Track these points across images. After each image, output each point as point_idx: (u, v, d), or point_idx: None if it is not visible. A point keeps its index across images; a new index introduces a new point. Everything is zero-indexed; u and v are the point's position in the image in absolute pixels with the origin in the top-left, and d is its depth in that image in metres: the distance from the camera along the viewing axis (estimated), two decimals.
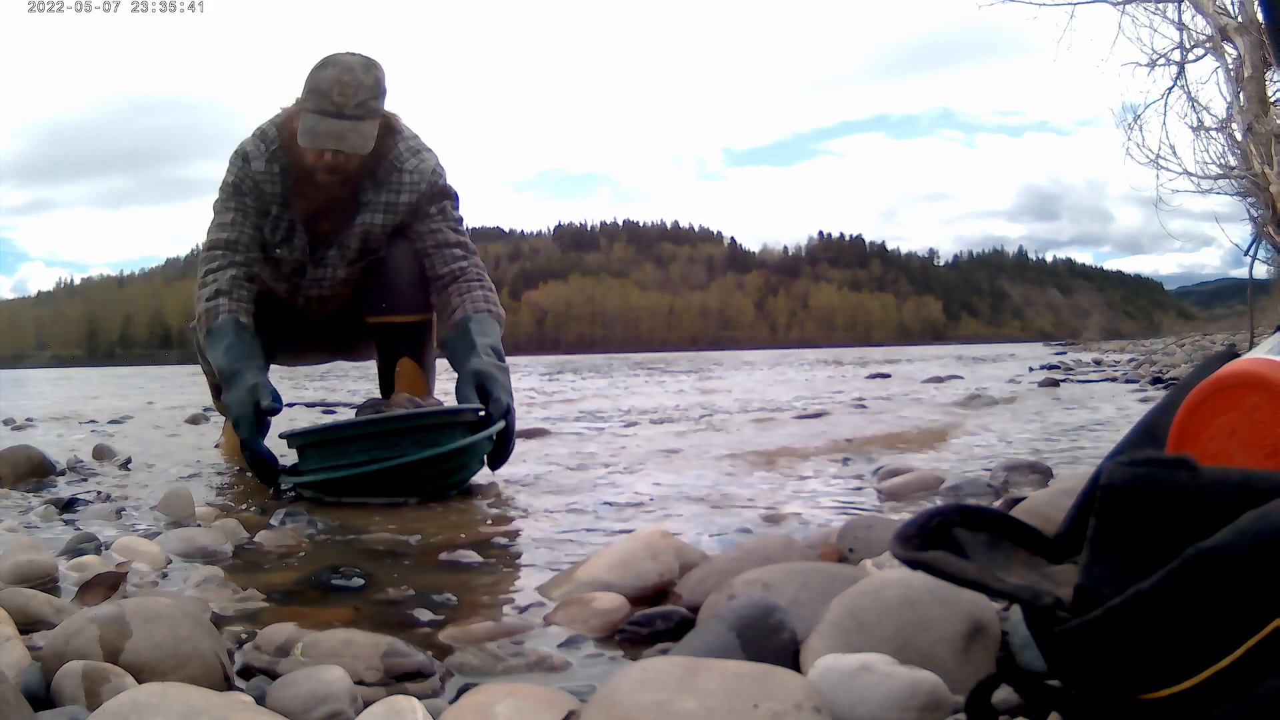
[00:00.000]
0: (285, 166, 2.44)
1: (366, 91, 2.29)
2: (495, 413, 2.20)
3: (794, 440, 3.12)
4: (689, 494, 2.02)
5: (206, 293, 2.41)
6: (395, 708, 0.73)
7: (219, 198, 2.50)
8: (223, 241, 2.45)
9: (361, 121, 2.30)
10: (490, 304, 2.50)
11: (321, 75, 2.29)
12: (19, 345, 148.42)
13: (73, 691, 0.77)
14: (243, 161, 2.45)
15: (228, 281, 2.41)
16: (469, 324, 2.41)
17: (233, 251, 2.45)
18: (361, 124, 2.30)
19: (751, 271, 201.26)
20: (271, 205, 2.49)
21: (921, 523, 0.64)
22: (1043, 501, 1.15)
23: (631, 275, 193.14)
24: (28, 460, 2.46)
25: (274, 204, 2.49)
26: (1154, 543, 0.55)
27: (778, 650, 0.81)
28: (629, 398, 6.29)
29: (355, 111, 2.28)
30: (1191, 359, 8.83)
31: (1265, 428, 0.69)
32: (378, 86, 2.34)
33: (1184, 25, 7.03)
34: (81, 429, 4.55)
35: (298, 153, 2.38)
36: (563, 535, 1.63)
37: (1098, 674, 0.54)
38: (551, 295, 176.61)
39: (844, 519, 1.41)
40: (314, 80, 2.29)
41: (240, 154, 2.46)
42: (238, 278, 2.43)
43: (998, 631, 0.82)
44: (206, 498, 2.13)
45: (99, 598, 1.10)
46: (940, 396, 5.42)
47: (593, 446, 3.12)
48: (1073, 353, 19.82)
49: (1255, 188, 6.10)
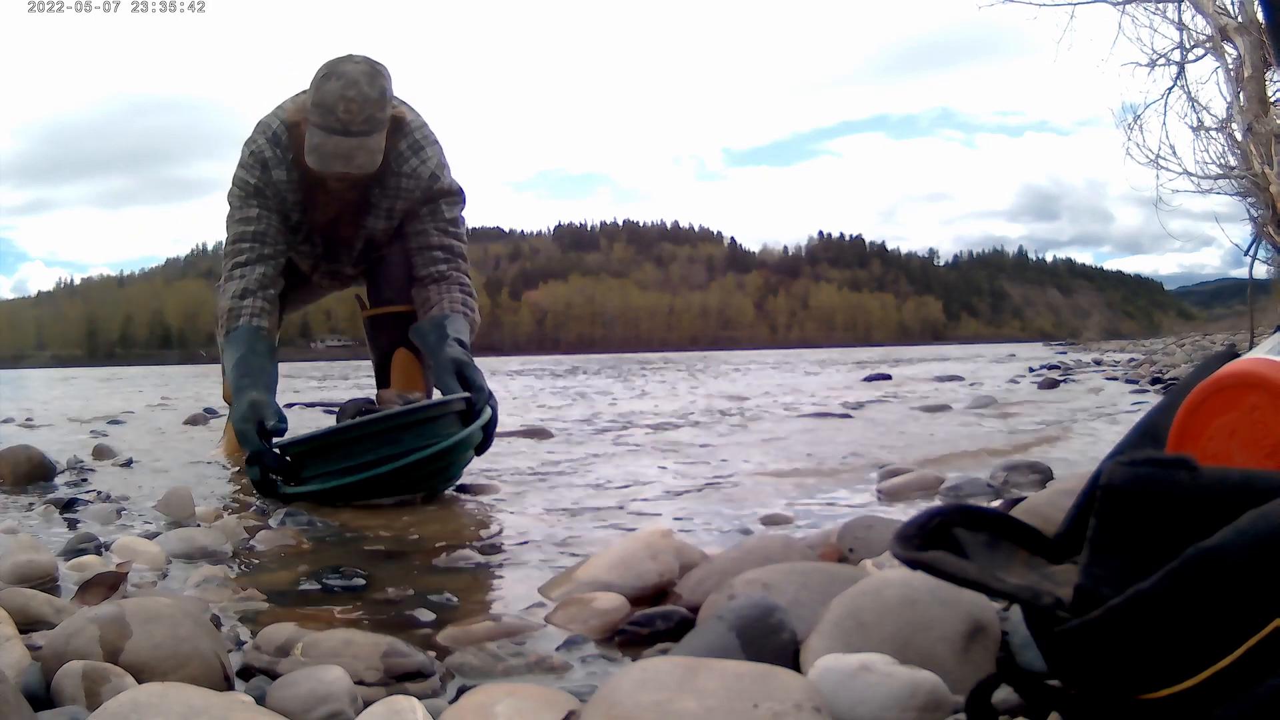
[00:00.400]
0: (300, 174, 2.46)
1: (372, 106, 2.27)
2: (479, 401, 2.23)
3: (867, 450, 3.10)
4: (691, 494, 2.02)
5: (233, 288, 2.42)
6: (395, 708, 0.73)
7: (237, 194, 2.49)
8: (249, 234, 2.45)
9: (368, 137, 2.29)
10: (467, 308, 2.53)
11: (326, 89, 2.26)
12: (19, 345, 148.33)
13: (73, 691, 0.77)
14: (262, 169, 2.45)
15: (256, 280, 2.42)
16: (444, 320, 2.46)
17: (261, 244, 2.45)
18: (368, 139, 2.29)
19: (751, 271, 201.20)
20: (292, 211, 2.53)
21: (921, 523, 0.64)
22: (1043, 501, 1.15)
23: (631, 275, 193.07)
24: (28, 460, 2.46)
25: (294, 211, 2.53)
26: (1154, 543, 0.55)
27: (778, 650, 0.81)
28: (654, 400, 6.29)
29: (362, 127, 2.27)
30: (1191, 359, 8.83)
31: (1265, 428, 0.69)
32: (383, 96, 2.31)
33: (1184, 25, 7.03)
34: (81, 429, 4.54)
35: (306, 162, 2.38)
36: (563, 535, 1.63)
37: (1098, 674, 0.54)
38: (551, 295, 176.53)
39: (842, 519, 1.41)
40: (319, 94, 2.27)
41: (258, 159, 2.46)
42: (267, 275, 2.44)
43: (998, 631, 0.82)
44: (206, 498, 2.13)
45: (99, 598, 1.09)
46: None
47: (598, 447, 3.12)
48: (1073, 353, 19.83)
49: (1255, 188, 6.10)
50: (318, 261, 2.74)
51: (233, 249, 2.48)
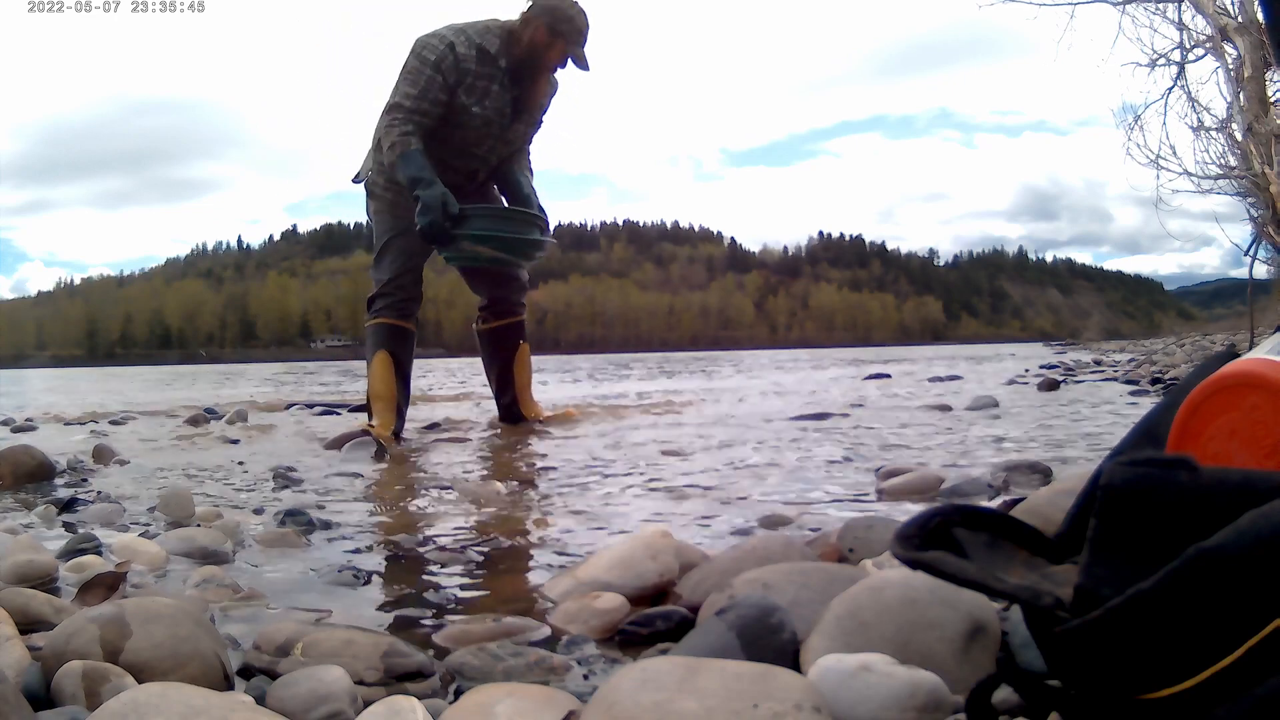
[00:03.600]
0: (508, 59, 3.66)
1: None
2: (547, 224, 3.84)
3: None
4: (691, 494, 2.02)
5: (397, 131, 3.50)
6: (395, 708, 0.73)
7: (414, 64, 3.54)
8: (406, 107, 3.52)
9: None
10: (531, 171, 4.07)
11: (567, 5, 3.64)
12: (19, 345, 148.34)
13: (73, 691, 0.77)
14: (447, 48, 3.54)
15: (413, 127, 3.51)
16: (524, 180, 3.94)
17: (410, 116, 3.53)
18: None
19: (751, 271, 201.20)
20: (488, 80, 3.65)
21: (921, 523, 0.64)
22: (1043, 501, 1.15)
23: (631, 275, 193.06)
24: (28, 460, 2.46)
25: (492, 80, 3.65)
26: (1154, 543, 0.55)
27: (778, 650, 0.81)
28: (654, 400, 6.28)
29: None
30: (1191, 359, 8.83)
31: (1265, 428, 0.69)
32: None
33: (1184, 25, 7.02)
34: (81, 429, 4.54)
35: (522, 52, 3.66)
36: (563, 535, 1.63)
37: (1098, 674, 0.54)
38: (551, 295, 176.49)
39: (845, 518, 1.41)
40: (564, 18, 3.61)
41: (446, 42, 3.55)
42: (415, 130, 3.52)
43: (998, 631, 0.81)
44: (206, 498, 2.13)
45: (99, 598, 1.10)
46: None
47: (602, 446, 3.12)
48: (1073, 353, 19.82)
49: (1255, 188, 6.10)
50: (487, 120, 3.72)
51: (391, 117, 3.54)
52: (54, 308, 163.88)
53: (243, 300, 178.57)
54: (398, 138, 3.52)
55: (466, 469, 2.65)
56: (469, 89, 3.62)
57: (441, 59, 3.54)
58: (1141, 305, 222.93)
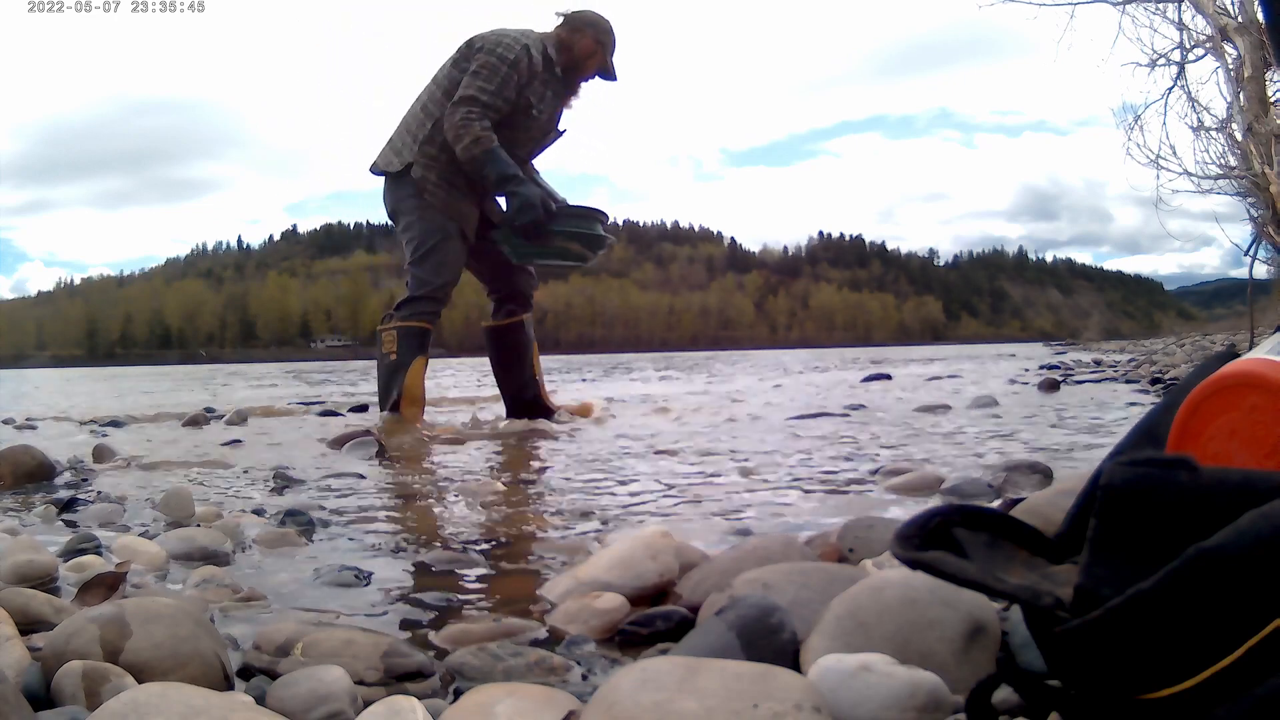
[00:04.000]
0: (559, 68, 3.89)
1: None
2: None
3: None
4: (691, 494, 2.02)
5: (477, 126, 3.64)
6: (395, 708, 0.73)
7: (491, 60, 3.69)
8: (482, 101, 3.67)
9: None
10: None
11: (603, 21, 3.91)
12: (19, 345, 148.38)
13: (73, 691, 0.77)
14: (523, 50, 3.72)
15: (489, 123, 3.67)
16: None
17: (486, 111, 3.69)
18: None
19: (751, 271, 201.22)
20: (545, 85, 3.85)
21: (921, 523, 0.64)
22: (1043, 501, 1.15)
23: (631, 275, 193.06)
24: (28, 460, 2.46)
25: (548, 85, 3.86)
26: (1154, 543, 0.55)
27: (778, 650, 0.81)
28: (654, 399, 6.28)
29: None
30: (1191, 359, 8.82)
31: (1265, 428, 0.69)
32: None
33: (1184, 25, 7.02)
34: (81, 429, 4.54)
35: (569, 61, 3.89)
36: (563, 535, 1.63)
37: (1098, 674, 0.54)
38: (551, 295, 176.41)
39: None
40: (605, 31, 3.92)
41: (520, 43, 3.72)
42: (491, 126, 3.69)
43: (998, 631, 0.81)
44: (206, 498, 2.13)
45: (99, 598, 1.09)
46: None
47: (603, 445, 3.12)
48: (1073, 352, 19.82)
49: (1255, 188, 6.10)
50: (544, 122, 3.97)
51: (466, 111, 3.67)
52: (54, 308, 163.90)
53: (243, 300, 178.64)
54: (480, 133, 3.61)
55: (468, 469, 2.66)
56: (534, 91, 3.79)
57: (519, 59, 3.67)
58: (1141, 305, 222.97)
